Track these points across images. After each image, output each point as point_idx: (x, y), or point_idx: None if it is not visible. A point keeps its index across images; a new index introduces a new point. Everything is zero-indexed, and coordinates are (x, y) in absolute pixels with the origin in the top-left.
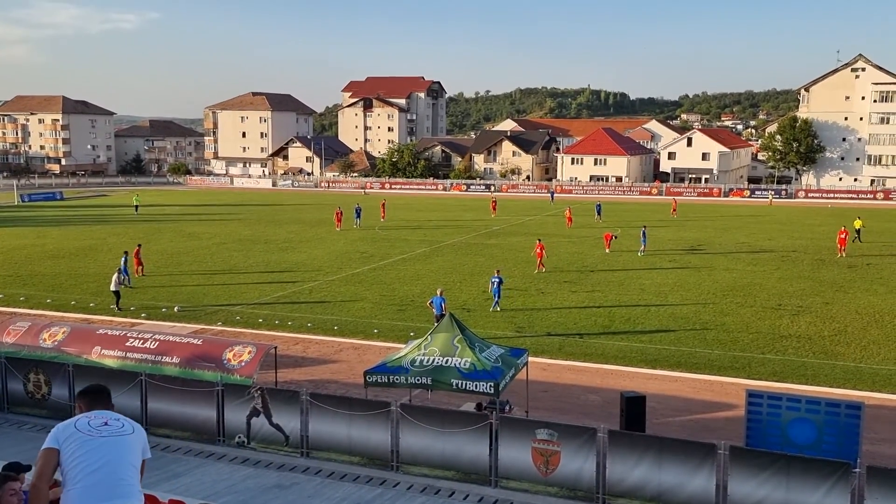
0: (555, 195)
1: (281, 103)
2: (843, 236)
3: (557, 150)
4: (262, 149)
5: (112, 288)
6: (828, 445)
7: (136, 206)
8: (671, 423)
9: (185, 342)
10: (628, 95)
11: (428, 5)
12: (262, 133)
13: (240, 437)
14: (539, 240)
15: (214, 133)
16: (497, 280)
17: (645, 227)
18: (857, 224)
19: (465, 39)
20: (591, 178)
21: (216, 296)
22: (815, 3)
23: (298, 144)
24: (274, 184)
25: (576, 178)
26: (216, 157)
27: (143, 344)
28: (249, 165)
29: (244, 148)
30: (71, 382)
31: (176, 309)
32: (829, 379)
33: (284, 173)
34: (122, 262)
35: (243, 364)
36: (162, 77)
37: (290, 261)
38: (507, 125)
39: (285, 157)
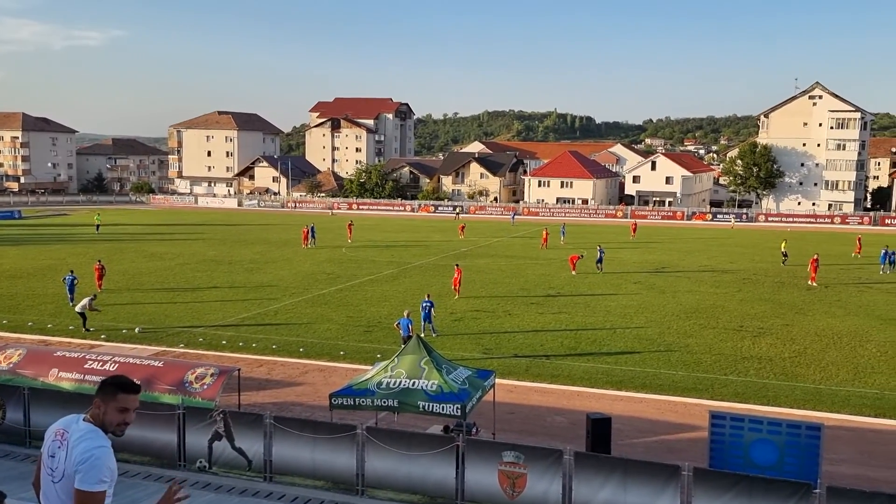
0: (516, 217)
1: (247, 122)
2: (815, 264)
3: (524, 172)
4: (227, 168)
5: (77, 310)
6: (789, 466)
7: (98, 226)
8: (636, 445)
9: (146, 364)
10: (594, 119)
11: (397, 27)
12: (227, 152)
13: (201, 462)
14: (457, 265)
15: (179, 152)
16: (428, 304)
17: (601, 246)
18: (783, 246)
19: (434, 61)
20: (558, 200)
21: (179, 317)
22: (774, 32)
23: (265, 164)
24: (240, 203)
25: (542, 201)
26: (180, 176)
27: (101, 366)
28: (214, 185)
29: (209, 167)
30: (26, 406)
31: (137, 330)
32: (789, 400)
33: (250, 193)
34: (68, 281)
35: (205, 387)
36: (126, 95)
37: (255, 281)
38: (475, 147)
39: (251, 177)
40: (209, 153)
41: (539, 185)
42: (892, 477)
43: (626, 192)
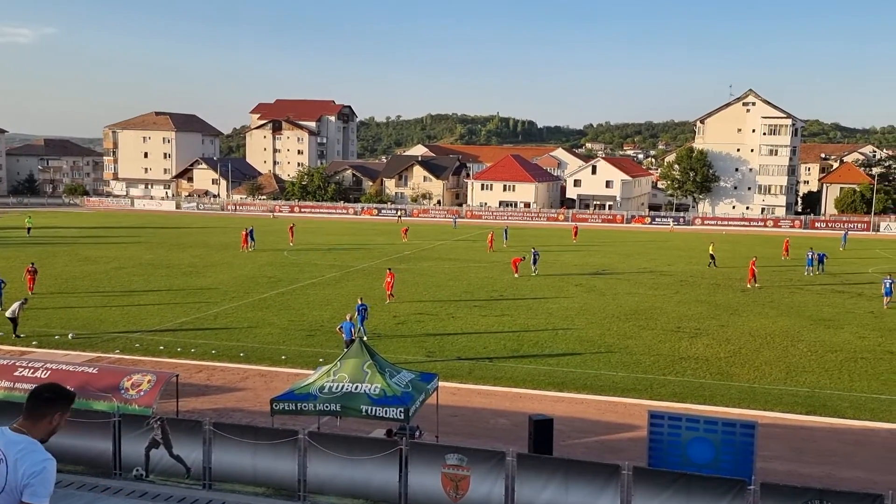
0: (457, 220)
1: (186, 123)
2: (753, 267)
3: (468, 175)
4: (165, 170)
5: (7, 315)
6: (725, 464)
7: (29, 229)
8: (578, 445)
9: (80, 371)
10: (536, 123)
11: (339, 29)
12: (165, 154)
13: (138, 470)
14: (389, 269)
15: (114, 153)
16: (362, 308)
17: (535, 249)
18: (711, 249)
19: (377, 64)
20: (501, 203)
21: (114, 322)
22: (709, 39)
23: (204, 166)
24: (178, 206)
25: (486, 204)
26: (116, 178)
27: (33, 373)
28: (152, 187)
29: (146, 169)
30: None
31: (70, 336)
32: (725, 399)
33: (189, 195)
34: None
35: (142, 393)
36: (59, 94)
37: (194, 285)
38: (419, 150)
39: (190, 179)
40: (146, 154)
41: (482, 189)
42: (823, 473)
43: (567, 196)
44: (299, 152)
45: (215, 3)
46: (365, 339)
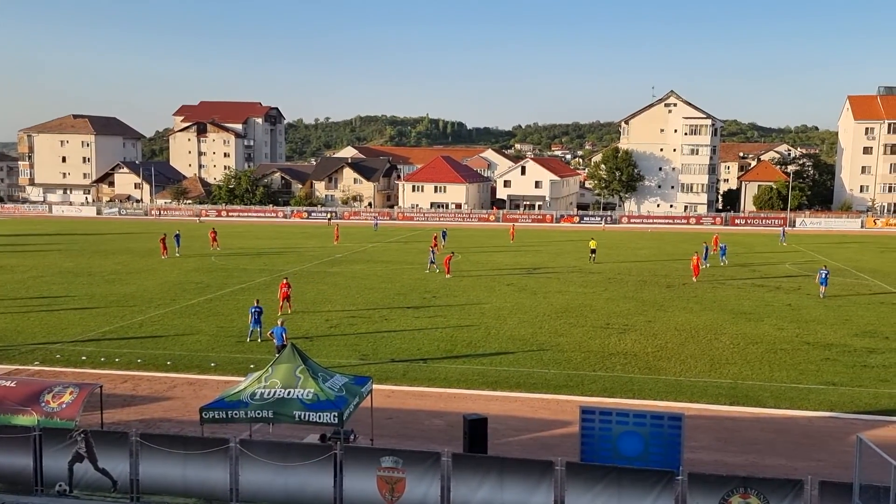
0: (379, 222)
1: (106, 127)
2: (696, 262)
3: (398, 177)
4: (84, 174)
5: None
6: (654, 456)
7: None
8: (512, 443)
9: None
10: (465, 125)
11: (263, 29)
12: (84, 158)
13: (61, 486)
14: (286, 278)
15: (30, 158)
16: (256, 310)
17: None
18: (592, 244)
19: (304, 66)
20: (432, 204)
21: (32, 333)
22: (632, 41)
23: (126, 170)
24: (99, 212)
25: (417, 206)
26: (32, 183)
27: None
28: (71, 192)
29: (64, 174)
30: None
31: None
32: (653, 393)
33: (111, 200)
34: None
35: (64, 406)
36: None
37: (117, 293)
38: (348, 152)
39: (111, 184)
40: (64, 159)
41: (413, 190)
42: (746, 461)
43: (497, 197)
44: (225, 155)
45: (132, 3)
46: (259, 340)
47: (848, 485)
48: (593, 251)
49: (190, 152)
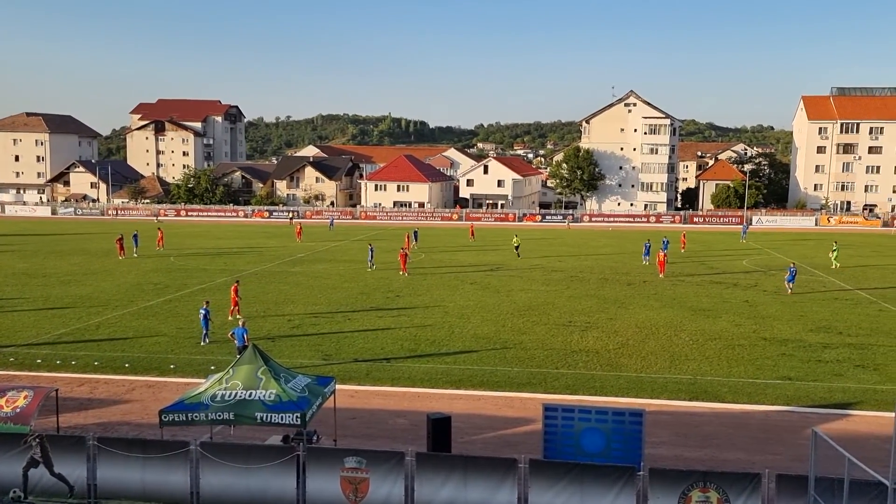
0: (334, 221)
1: (61, 125)
2: (663, 259)
3: (361, 176)
4: (39, 174)
5: None
6: (616, 452)
7: None
8: (476, 441)
9: None
10: (428, 124)
11: (221, 26)
12: (38, 157)
13: (15, 492)
14: (237, 280)
15: None
16: (204, 311)
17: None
18: (515, 241)
19: (264, 63)
20: (395, 204)
21: None
22: (591, 41)
23: (82, 169)
24: (53, 212)
25: (380, 205)
26: None
27: None
28: (24, 192)
29: (17, 173)
30: None
31: None
32: (615, 389)
33: (66, 200)
34: None
35: (18, 410)
36: None
37: (73, 295)
38: (310, 151)
39: (66, 183)
40: (17, 158)
41: (376, 189)
42: (706, 455)
43: (460, 196)
44: (184, 154)
45: None
46: (205, 343)
47: (804, 477)
48: (517, 247)
49: (148, 151)
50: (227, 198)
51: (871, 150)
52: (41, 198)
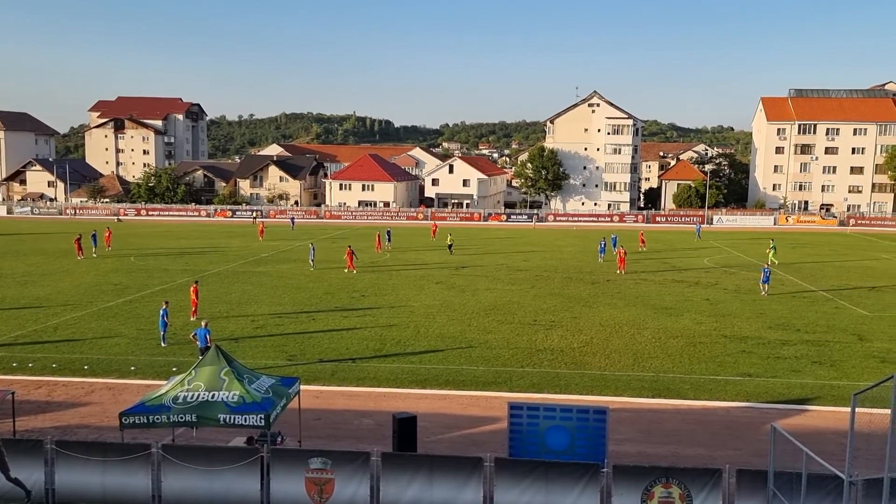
0: (295, 221)
1: (16, 122)
2: (622, 255)
3: (325, 175)
4: None
5: None
6: (580, 449)
7: None
8: (442, 441)
9: None
10: (393, 123)
11: (182, 24)
12: None
13: None
14: (196, 281)
15: None
16: (164, 313)
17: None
18: (449, 239)
19: (225, 61)
20: (360, 203)
21: None
22: (556, 42)
23: (38, 167)
24: (9, 211)
25: (345, 204)
26: None
27: None
28: None
29: None
30: None
31: None
32: (579, 387)
33: (22, 199)
34: None
35: None
36: None
37: (30, 296)
38: (274, 150)
39: (23, 182)
40: None
41: (341, 189)
42: (668, 452)
43: (426, 195)
44: (145, 152)
45: None
46: (165, 344)
47: (763, 472)
48: (450, 245)
49: (107, 149)
50: (189, 197)
51: (828, 150)
52: None
